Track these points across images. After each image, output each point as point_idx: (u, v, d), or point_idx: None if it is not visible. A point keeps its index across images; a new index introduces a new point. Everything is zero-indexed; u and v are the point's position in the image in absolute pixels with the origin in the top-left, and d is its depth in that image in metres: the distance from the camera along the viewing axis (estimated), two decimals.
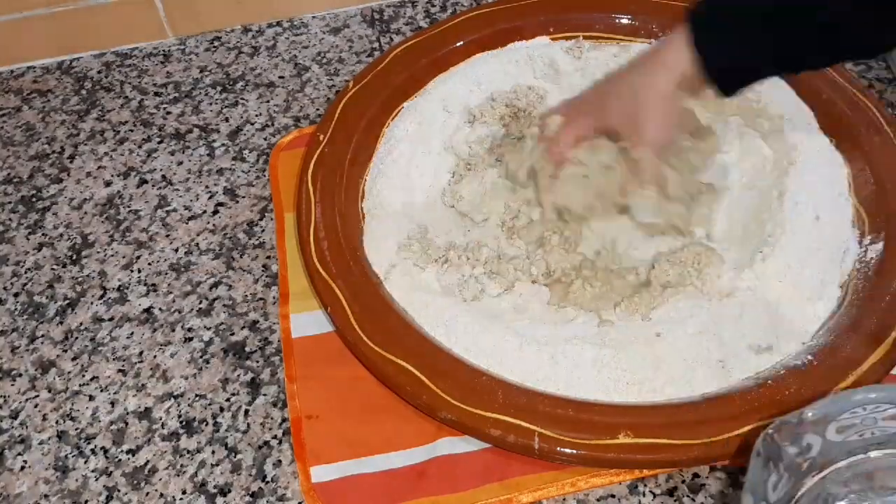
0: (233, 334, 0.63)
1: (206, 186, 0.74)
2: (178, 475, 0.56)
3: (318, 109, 0.79)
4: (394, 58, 0.75)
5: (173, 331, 0.64)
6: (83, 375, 0.62)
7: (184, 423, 0.59)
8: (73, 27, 0.84)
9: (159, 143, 0.78)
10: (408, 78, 0.74)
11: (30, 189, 0.75)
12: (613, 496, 0.54)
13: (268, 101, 0.81)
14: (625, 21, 0.78)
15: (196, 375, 0.61)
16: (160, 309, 0.65)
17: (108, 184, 0.75)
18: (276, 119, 0.79)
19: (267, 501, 0.55)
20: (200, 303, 0.66)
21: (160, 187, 0.74)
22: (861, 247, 0.62)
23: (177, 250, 0.69)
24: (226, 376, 0.61)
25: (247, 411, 0.59)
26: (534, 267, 0.62)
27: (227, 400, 0.60)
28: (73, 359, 0.63)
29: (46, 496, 0.56)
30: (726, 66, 0.57)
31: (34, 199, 0.74)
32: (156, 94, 0.83)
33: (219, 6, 0.86)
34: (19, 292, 0.68)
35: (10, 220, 0.73)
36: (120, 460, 0.57)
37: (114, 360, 0.63)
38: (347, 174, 0.68)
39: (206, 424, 0.59)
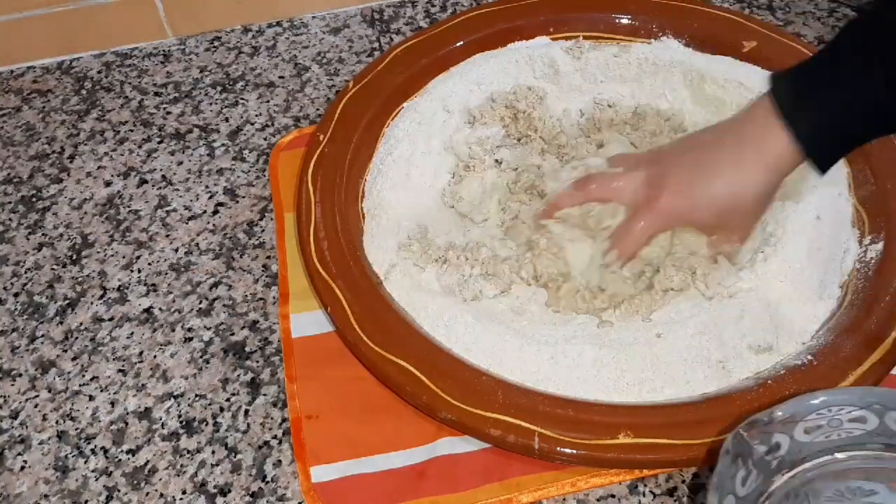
0: (233, 334, 0.63)
1: (206, 186, 0.74)
2: (178, 475, 0.56)
3: (318, 109, 0.79)
4: (394, 58, 0.75)
5: (173, 331, 0.64)
6: (83, 375, 0.62)
7: (184, 423, 0.59)
8: (73, 27, 0.84)
9: (159, 143, 0.78)
10: (408, 78, 0.74)
11: (30, 189, 0.75)
12: (613, 496, 0.54)
13: (268, 101, 0.81)
14: (625, 21, 0.77)
15: (196, 375, 0.61)
16: (160, 309, 0.65)
17: (108, 184, 0.75)
18: (276, 119, 0.79)
19: (267, 501, 0.55)
20: (200, 303, 0.66)
21: (160, 187, 0.74)
22: (861, 247, 0.62)
23: (177, 250, 0.69)
24: (226, 376, 0.61)
25: (247, 411, 0.59)
26: (523, 271, 0.62)
27: (227, 400, 0.60)
28: (73, 359, 0.63)
29: (46, 496, 0.56)
30: (829, 143, 0.52)
31: (34, 199, 0.74)
32: (156, 94, 0.83)
33: (219, 6, 0.86)
34: (19, 292, 0.68)
35: (10, 220, 0.73)
36: (120, 460, 0.57)
37: (114, 360, 0.63)
38: (347, 174, 0.68)
39: (206, 424, 0.59)
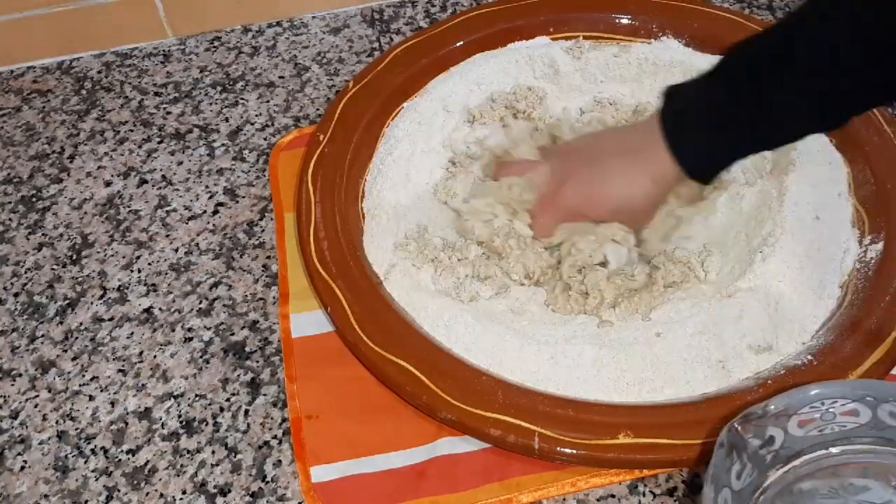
0: (233, 334, 0.63)
1: (206, 186, 0.74)
2: (178, 475, 0.56)
3: (318, 109, 0.79)
4: (394, 58, 0.75)
5: (173, 331, 0.64)
6: (83, 375, 0.62)
7: (184, 423, 0.59)
8: (73, 27, 0.84)
9: (159, 143, 0.78)
10: (408, 78, 0.74)
11: (30, 189, 0.75)
12: (613, 496, 0.54)
13: (268, 101, 0.81)
14: (625, 21, 0.77)
15: (196, 375, 0.61)
16: (160, 309, 0.65)
17: (108, 184, 0.75)
18: (276, 119, 0.79)
19: (267, 501, 0.55)
20: (200, 303, 0.66)
21: (160, 187, 0.74)
22: (861, 247, 0.62)
23: (177, 250, 0.69)
24: (226, 376, 0.61)
25: (247, 411, 0.59)
26: (513, 272, 0.62)
27: (227, 400, 0.60)
28: (73, 359, 0.63)
29: (46, 496, 0.56)
30: (708, 166, 0.59)
31: (34, 199, 0.74)
32: (156, 94, 0.83)
33: (219, 6, 0.86)
34: (19, 292, 0.68)
35: (10, 220, 0.73)
36: (120, 460, 0.57)
37: (114, 360, 0.63)
38: (347, 174, 0.68)
39: (206, 424, 0.59)
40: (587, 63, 0.76)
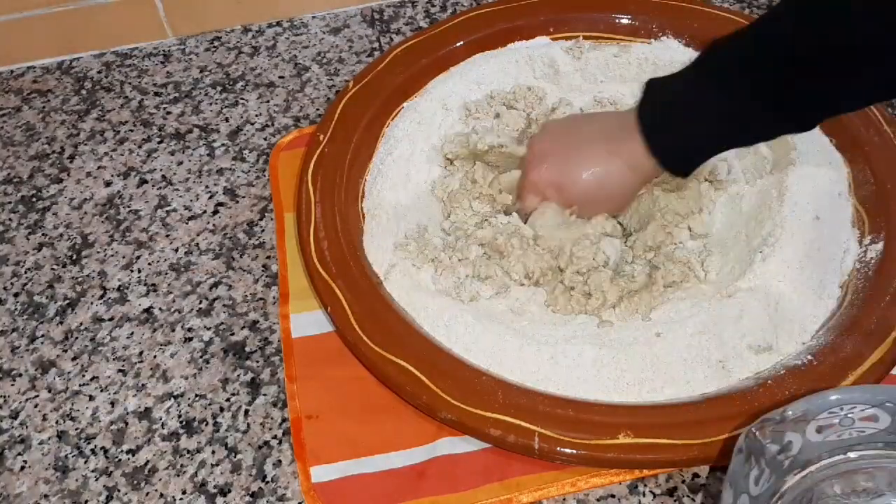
0: (233, 334, 0.63)
1: (206, 186, 0.74)
2: (178, 475, 0.56)
3: (318, 109, 0.79)
4: (394, 58, 0.75)
5: (173, 331, 0.64)
6: (83, 375, 0.62)
7: (184, 423, 0.59)
8: (73, 27, 0.84)
9: (159, 143, 0.78)
10: (408, 78, 0.74)
11: (30, 189, 0.75)
12: (613, 496, 0.54)
13: (268, 101, 0.81)
14: (625, 21, 0.77)
15: (196, 375, 0.61)
16: (160, 309, 0.65)
17: (108, 184, 0.75)
18: (276, 119, 0.79)
19: (267, 501, 0.55)
20: (200, 303, 0.66)
21: (160, 187, 0.74)
22: (861, 247, 0.62)
23: (177, 250, 0.69)
24: (226, 376, 0.61)
25: (247, 411, 0.59)
26: (513, 272, 0.62)
27: (227, 400, 0.60)
28: (73, 359, 0.63)
29: (46, 496, 0.56)
30: (682, 159, 0.59)
31: (34, 199, 0.74)
32: (156, 94, 0.83)
33: (219, 6, 0.86)
34: (19, 292, 0.68)
35: (10, 220, 0.73)
36: (120, 460, 0.57)
37: (114, 360, 0.63)
38: (347, 174, 0.68)
39: (206, 424, 0.59)
40: (587, 63, 0.76)
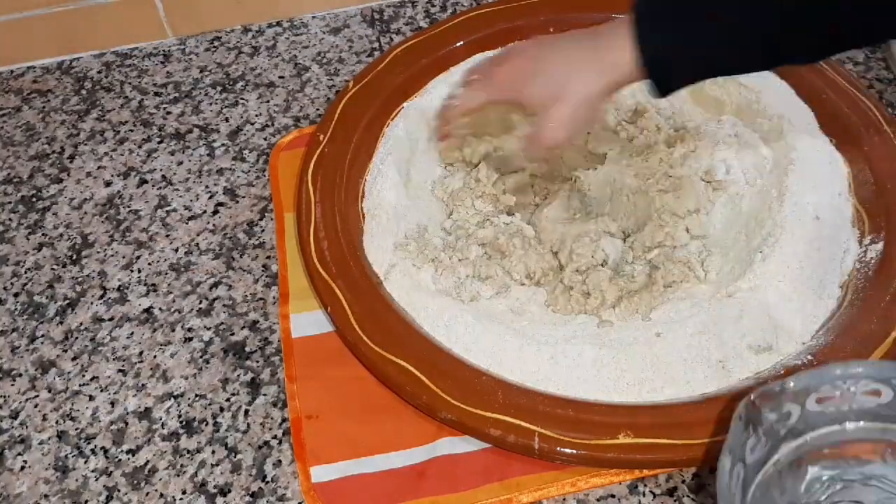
0: (233, 334, 0.63)
1: (206, 186, 0.74)
2: (178, 475, 0.56)
3: (318, 109, 0.79)
4: (394, 58, 0.75)
5: (173, 331, 0.64)
6: (83, 375, 0.62)
7: (184, 423, 0.59)
8: (73, 27, 0.84)
9: (159, 143, 0.78)
10: (408, 78, 0.74)
11: (30, 189, 0.75)
12: (613, 496, 0.54)
13: (268, 101, 0.81)
14: None
15: (196, 375, 0.61)
16: (160, 309, 0.65)
17: (108, 184, 0.75)
18: (276, 119, 0.79)
19: (267, 501, 0.55)
20: (200, 303, 0.66)
21: (160, 187, 0.74)
22: (861, 247, 0.62)
23: (177, 250, 0.69)
24: (226, 376, 0.61)
25: (247, 411, 0.59)
26: (514, 272, 0.62)
27: (227, 400, 0.60)
28: (73, 359, 0.63)
29: (46, 496, 0.56)
30: (669, 66, 0.53)
31: (34, 199, 0.74)
32: (156, 94, 0.83)
33: (219, 6, 0.86)
34: (19, 292, 0.68)
35: (10, 220, 0.73)
36: (120, 460, 0.57)
37: (114, 360, 0.63)
38: (347, 174, 0.68)
39: (206, 424, 0.59)
40: None
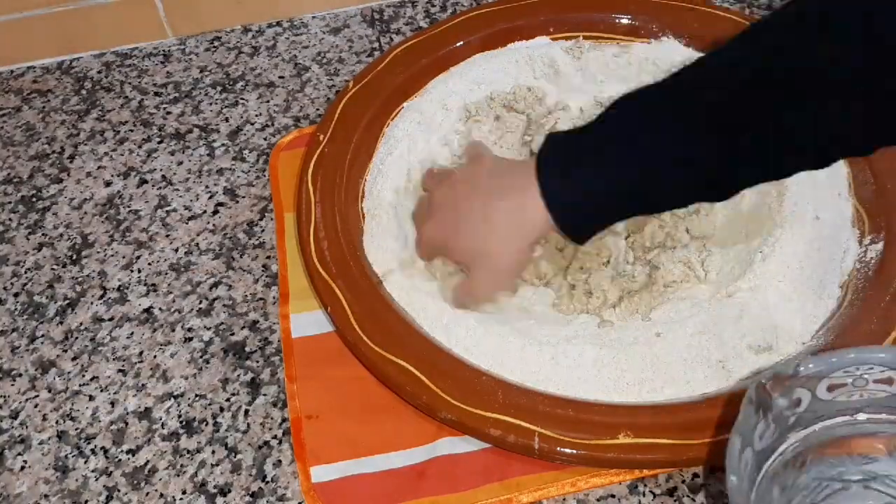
0: (233, 334, 0.63)
1: (206, 186, 0.74)
2: (178, 475, 0.56)
3: (318, 109, 0.79)
4: (394, 58, 0.75)
5: (173, 331, 0.64)
6: (83, 375, 0.62)
7: (184, 423, 0.59)
8: (73, 27, 0.84)
9: (159, 143, 0.78)
10: (408, 78, 0.74)
11: (30, 189, 0.75)
12: (613, 496, 0.54)
13: (268, 101, 0.81)
14: (625, 21, 0.77)
15: (196, 375, 0.61)
16: (160, 309, 0.65)
17: (108, 184, 0.75)
18: (276, 119, 0.79)
19: (267, 501, 0.55)
20: (200, 303, 0.66)
21: (160, 187, 0.74)
22: (861, 247, 0.62)
23: (177, 250, 0.69)
24: (226, 376, 0.61)
25: (247, 411, 0.59)
26: (526, 272, 0.62)
27: (227, 400, 0.60)
28: (73, 359, 0.63)
29: (46, 496, 0.56)
30: (580, 216, 0.53)
31: (34, 199, 0.74)
32: (156, 94, 0.83)
33: (219, 6, 0.86)
34: (19, 292, 0.68)
35: (10, 220, 0.73)
36: (120, 460, 0.57)
37: (114, 360, 0.63)
38: (347, 174, 0.68)
39: (206, 424, 0.59)
40: (587, 63, 0.76)
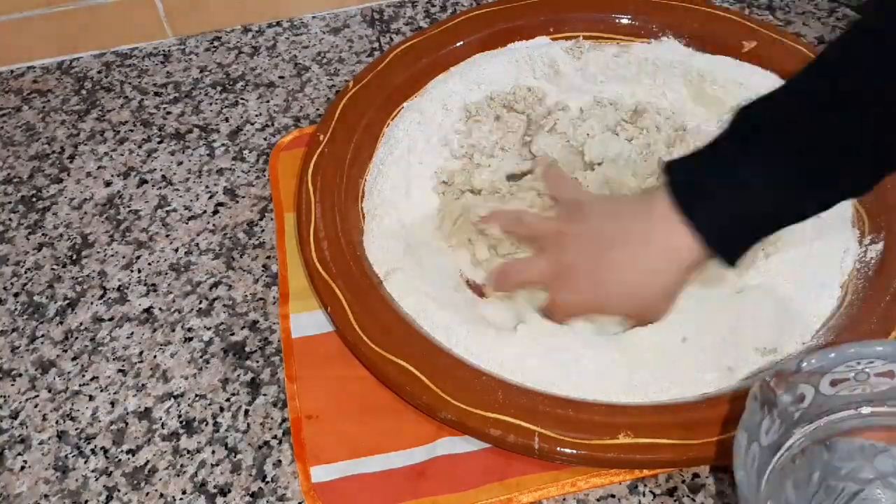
0: (233, 334, 0.63)
1: (206, 186, 0.74)
2: (178, 475, 0.56)
3: (318, 109, 0.79)
4: (394, 58, 0.75)
5: (173, 331, 0.64)
6: (83, 375, 0.62)
7: (184, 423, 0.59)
8: (73, 27, 0.84)
9: (159, 143, 0.78)
10: (408, 78, 0.74)
11: (30, 189, 0.75)
12: (613, 496, 0.54)
13: (268, 101, 0.81)
14: (625, 21, 0.77)
15: (196, 375, 0.61)
16: (160, 309, 0.65)
17: (108, 184, 0.75)
18: (276, 119, 0.79)
19: (267, 501, 0.55)
20: (200, 303, 0.66)
21: (160, 187, 0.74)
22: (861, 247, 0.62)
23: (177, 250, 0.69)
24: (226, 376, 0.61)
25: (247, 411, 0.59)
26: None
27: (227, 400, 0.60)
28: (73, 359, 0.63)
29: (46, 496, 0.56)
30: (732, 237, 0.51)
31: (34, 199, 0.74)
32: (156, 94, 0.83)
33: (219, 6, 0.86)
34: (19, 292, 0.68)
35: (10, 220, 0.73)
36: (120, 460, 0.57)
37: (114, 360, 0.63)
38: (347, 174, 0.68)
39: (206, 424, 0.59)
40: (587, 63, 0.76)
